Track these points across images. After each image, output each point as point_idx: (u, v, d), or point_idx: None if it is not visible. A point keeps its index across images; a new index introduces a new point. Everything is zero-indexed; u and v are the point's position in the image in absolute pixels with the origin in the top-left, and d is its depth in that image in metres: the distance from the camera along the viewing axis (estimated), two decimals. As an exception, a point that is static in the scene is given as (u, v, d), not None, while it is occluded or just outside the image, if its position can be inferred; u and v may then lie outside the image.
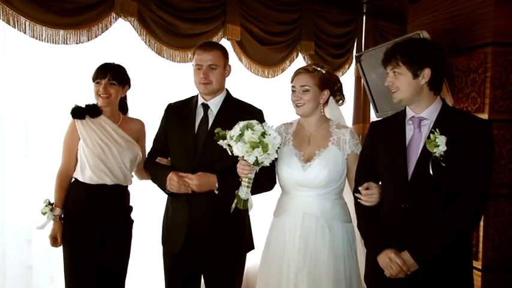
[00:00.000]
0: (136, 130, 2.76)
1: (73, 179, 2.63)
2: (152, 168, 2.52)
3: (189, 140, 2.38)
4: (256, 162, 2.13)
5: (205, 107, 2.42)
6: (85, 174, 2.57)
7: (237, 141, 2.09)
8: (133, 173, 2.75)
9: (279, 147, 2.19)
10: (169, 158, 2.52)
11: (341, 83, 2.47)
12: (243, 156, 2.12)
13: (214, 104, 2.43)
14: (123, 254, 2.72)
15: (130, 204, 2.77)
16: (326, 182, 2.27)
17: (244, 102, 2.52)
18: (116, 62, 2.70)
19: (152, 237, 2.75)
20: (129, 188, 2.75)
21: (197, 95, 2.49)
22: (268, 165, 2.19)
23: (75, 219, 2.57)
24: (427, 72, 1.98)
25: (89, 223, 2.55)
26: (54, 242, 2.58)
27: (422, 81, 1.99)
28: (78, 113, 2.61)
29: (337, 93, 2.44)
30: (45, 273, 3.17)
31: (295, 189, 2.32)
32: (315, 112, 2.36)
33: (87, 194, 2.57)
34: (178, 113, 2.49)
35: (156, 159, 2.50)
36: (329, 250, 2.24)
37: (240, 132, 2.09)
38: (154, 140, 2.59)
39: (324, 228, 2.26)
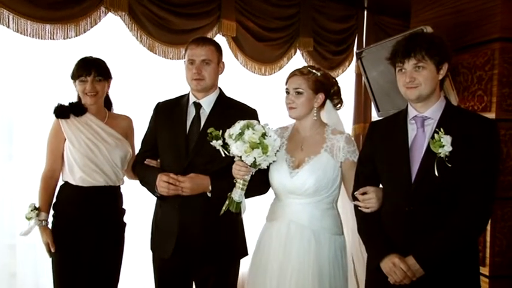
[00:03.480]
0: (124, 126, 2.69)
1: (63, 182, 2.56)
2: (141, 171, 2.44)
3: (180, 141, 2.32)
4: (254, 164, 2.07)
5: (197, 106, 2.36)
6: (75, 175, 2.50)
7: (236, 140, 2.04)
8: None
9: (278, 150, 2.14)
10: (158, 160, 2.44)
11: (338, 87, 2.39)
12: (240, 157, 2.06)
13: (207, 102, 2.36)
14: (116, 259, 2.64)
15: (123, 206, 2.70)
16: (314, 190, 2.20)
17: (238, 102, 2.47)
18: (97, 56, 2.61)
19: (144, 241, 2.65)
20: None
21: (188, 94, 2.43)
22: (266, 167, 2.14)
23: (66, 224, 2.50)
24: (445, 67, 1.94)
25: (81, 227, 2.48)
26: (48, 249, 2.50)
27: (440, 77, 1.95)
28: (62, 112, 2.53)
29: (334, 97, 2.36)
30: (30, 281, 3.09)
31: (285, 196, 2.27)
32: (309, 116, 2.29)
33: (78, 197, 2.50)
34: (168, 113, 2.42)
35: (145, 161, 2.43)
36: (314, 261, 2.18)
37: (240, 131, 2.04)
38: (143, 141, 2.52)
39: (309, 239, 2.20)
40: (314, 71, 2.29)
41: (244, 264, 2.51)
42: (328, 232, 2.23)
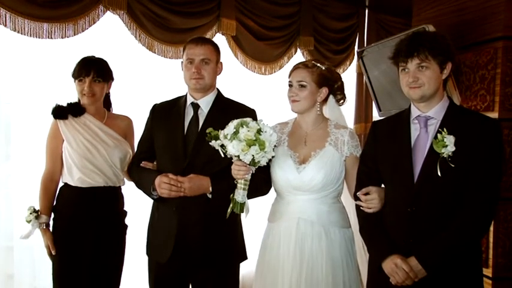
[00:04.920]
0: (124, 127, 2.65)
1: (63, 184, 2.53)
2: (137, 173, 2.39)
3: (178, 142, 2.28)
4: (253, 162, 2.03)
5: (195, 106, 2.33)
6: (74, 177, 2.46)
7: (232, 140, 2.00)
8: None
9: (275, 145, 2.11)
10: (155, 163, 2.41)
11: (342, 82, 2.36)
12: (238, 156, 2.03)
13: (205, 103, 2.33)
14: (116, 262, 2.61)
15: (125, 208, 2.67)
16: (322, 185, 2.17)
17: (237, 102, 2.44)
18: (97, 56, 2.58)
19: (145, 243, 2.61)
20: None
21: (186, 95, 2.40)
22: (265, 164, 2.10)
23: (66, 226, 2.47)
24: (448, 67, 1.92)
25: (81, 229, 2.45)
26: (49, 251, 2.47)
27: (443, 76, 1.93)
28: (60, 112, 2.49)
29: (338, 92, 2.33)
30: (28, 283, 3.05)
31: (290, 193, 2.23)
32: (311, 110, 2.26)
33: (78, 198, 2.47)
34: (166, 114, 2.39)
35: (141, 163, 2.39)
36: (326, 257, 2.15)
37: (234, 130, 2.00)
38: (139, 143, 2.48)
39: (320, 234, 2.17)
40: (319, 64, 2.26)
41: (244, 267, 2.49)
42: (337, 226, 2.21)
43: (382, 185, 2.08)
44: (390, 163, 2.00)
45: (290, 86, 2.27)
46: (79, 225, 2.44)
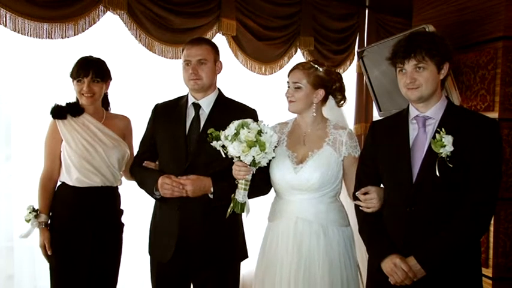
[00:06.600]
0: (122, 127, 2.65)
1: (60, 183, 2.53)
2: (139, 173, 2.40)
3: (179, 142, 2.29)
4: (254, 163, 2.05)
5: (197, 106, 2.34)
6: (72, 176, 2.46)
7: (233, 141, 2.01)
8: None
9: (276, 146, 2.11)
10: (157, 162, 2.42)
11: (341, 83, 2.35)
12: (238, 157, 2.04)
13: (206, 103, 2.34)
14: (113, 261, 2.61)
15: (121, 207, 2.66)
16: (319, 185, 2.18)
17: (238, 102, 2.44)
18: (96, 56, 2.58)
19: (142, 242, 2.61)
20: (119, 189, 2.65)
21: (187, 95, 2.40)
22: (266, 165, 2.11)
23: (63, 225, 2.47)
24: (446, 67, 1.92)
25: (78, 229, 2.45)
26: (44, 251, 2.47)
27: (441, 77, 1.93)
28: (59, 112, 2.49)
29: (337, 93, 2.32)
30: (28, 283, 3.05)
31: (288, 192, 2.24)
32: (308, 111, 2.27)
33: (75, 197, 2.46)
34: (167, 114, 2.39)
35: (143, 163, 2.40)
36: (324, 256, 2.16)
37: (235, 132, 2.01)
38: (141, 142, 2.49)
39: (318, 233, 2.18)
40: (316, 66, 2.25)
41: (244, 266, 2.49)
42: (336, 225, 2.21)
43: (382, 185, 2.08)
44: (389, 163, 2.00)
45: (288, 86, 2.28)
46: (76, 225, 2.44)
